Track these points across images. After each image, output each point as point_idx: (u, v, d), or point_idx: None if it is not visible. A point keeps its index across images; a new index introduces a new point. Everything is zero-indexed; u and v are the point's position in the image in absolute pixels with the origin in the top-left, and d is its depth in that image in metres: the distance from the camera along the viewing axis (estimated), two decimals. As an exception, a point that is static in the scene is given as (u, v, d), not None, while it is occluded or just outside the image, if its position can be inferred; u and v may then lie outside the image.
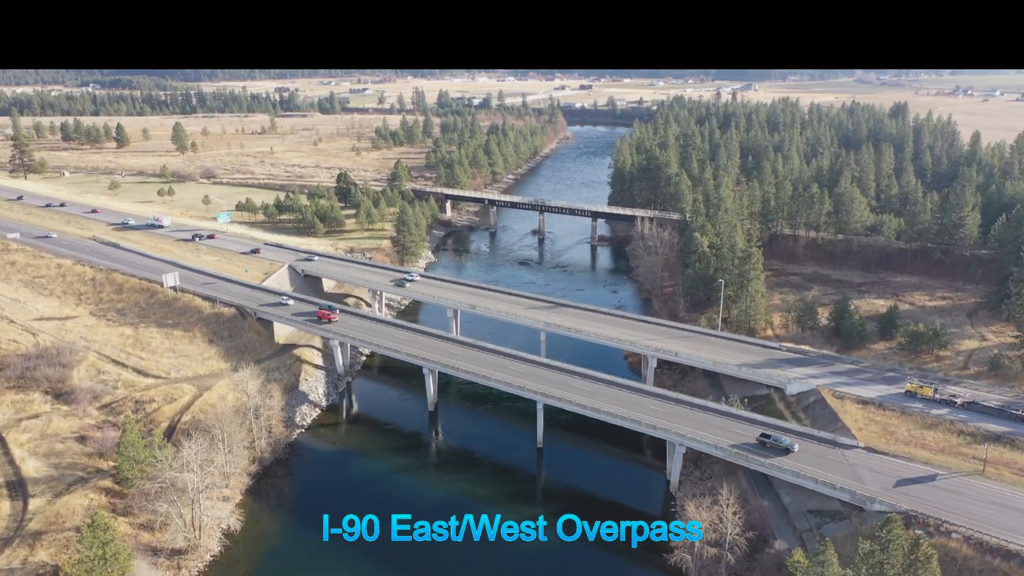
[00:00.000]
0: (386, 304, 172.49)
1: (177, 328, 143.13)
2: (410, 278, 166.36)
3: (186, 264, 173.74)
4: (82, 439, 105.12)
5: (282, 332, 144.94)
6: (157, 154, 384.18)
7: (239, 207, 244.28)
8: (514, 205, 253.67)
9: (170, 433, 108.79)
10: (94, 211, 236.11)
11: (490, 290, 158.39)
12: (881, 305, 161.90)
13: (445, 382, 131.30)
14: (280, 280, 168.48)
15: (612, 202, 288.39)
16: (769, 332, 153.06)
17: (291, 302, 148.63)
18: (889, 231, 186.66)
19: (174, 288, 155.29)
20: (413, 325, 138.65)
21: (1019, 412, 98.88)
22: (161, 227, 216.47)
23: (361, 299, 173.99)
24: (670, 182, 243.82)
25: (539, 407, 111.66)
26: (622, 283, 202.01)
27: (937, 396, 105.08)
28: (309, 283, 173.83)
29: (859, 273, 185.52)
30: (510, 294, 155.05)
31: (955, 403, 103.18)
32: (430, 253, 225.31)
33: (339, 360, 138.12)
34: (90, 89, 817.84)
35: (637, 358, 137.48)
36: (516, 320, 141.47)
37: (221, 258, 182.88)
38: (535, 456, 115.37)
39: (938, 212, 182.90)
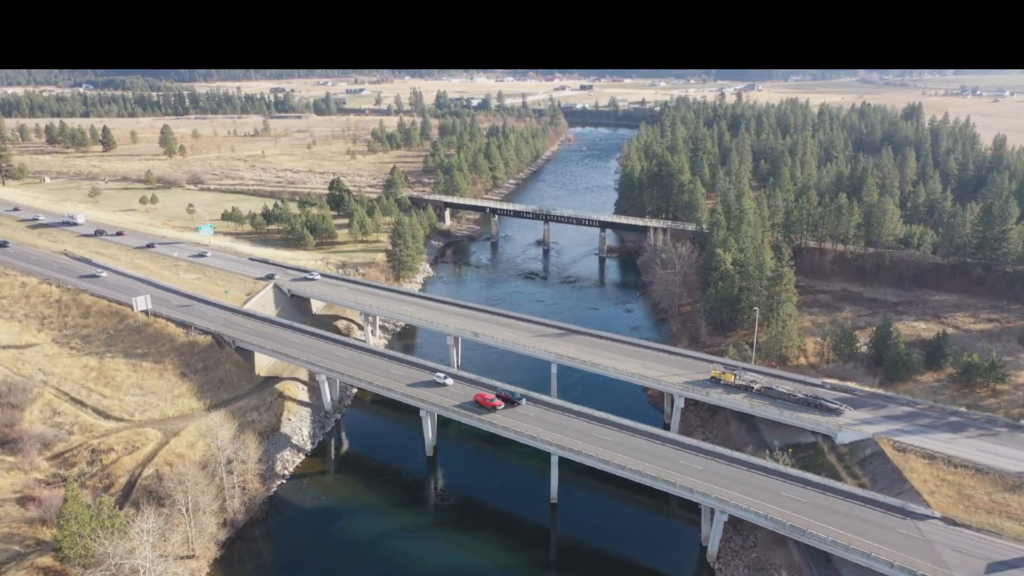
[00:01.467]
0: (380, 326, 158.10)
1: (146, 359, 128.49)
2: (402, 296, 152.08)
3: (161, 283, 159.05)
4: (24, 501, 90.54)
5: (264, 363, 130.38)
6: (144, 158, 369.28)
7: (225, 216, 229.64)
8: (517, 214, 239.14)
9: (128, 491, 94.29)
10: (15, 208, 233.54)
11: (494, 314, 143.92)
12: (923, 328, 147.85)
13: (446, 420, 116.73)
14: (264, 301, 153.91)
15: (619, 210, 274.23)
16: (802, 360, 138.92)
17: (292, 332, 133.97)
18: (925, 245, 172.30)
19: (146, 312, 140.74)
20: (409, 358, 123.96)
21: (802, 396, 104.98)
22: (75, 224, 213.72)
23: (352, 321, 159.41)
24: (683, 190, 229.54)
25: (554, 459, 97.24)
26: (634, 300, 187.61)
27: (737, 382, 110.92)
28: (296, 304, 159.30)
29: (893, 291, 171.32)
30: (516, 319, 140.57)
31: (752, 388, 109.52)
32: (428, 266, 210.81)
33: (327, 395, 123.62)
34: (82, 90, 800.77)
35: (660, 393, 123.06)
36: (524, 351, 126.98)
37: (201, 276, 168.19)
38: (548, 512, 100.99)
39: (978, 224, 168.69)
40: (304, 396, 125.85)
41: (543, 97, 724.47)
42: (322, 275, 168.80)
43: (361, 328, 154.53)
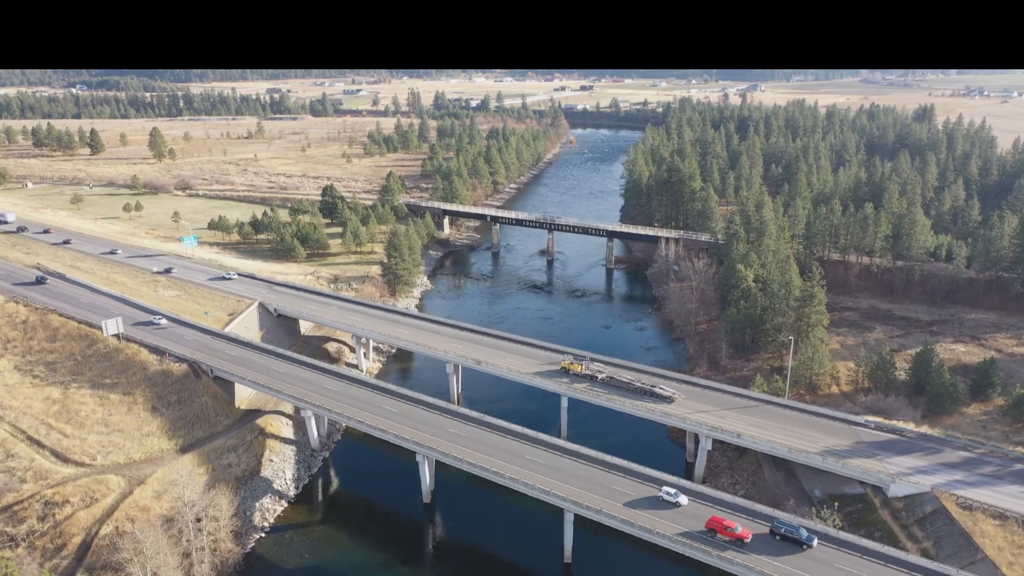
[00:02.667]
0: (374, 347, 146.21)
1: (115, 390, 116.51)
2: (397, 317, 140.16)
3: (137, 302, 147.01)
4: (-41, 569, 78.62)
5: (245, 394, 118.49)
6: (132, 162, 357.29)
7: (211, 225, 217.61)
8: (520, 223, 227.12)
9: (82, 555, 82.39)
10: None
11: (497, 337, 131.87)
12: (962, 352, 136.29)
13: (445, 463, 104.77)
14: (248, 322, 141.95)
15: (626, 217, 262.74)
16: (834, 389, 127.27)
17: (275, 360, 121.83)
18: (959, 258, 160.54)
19: (117, 336, 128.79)
20: (405, 392, 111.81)
21: (640, 385, 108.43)
22: (5, 223, 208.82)
23: (344, 343, 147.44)
24: (695, 197, 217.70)
25: (568, 516, 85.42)
26: (646, 316, 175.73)
27: (584, 371, 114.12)
28: (283, 324, 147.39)
29: (924, 308, 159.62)
30: (522, 343, 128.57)
31: (596, 378, 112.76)
32: (426, 279, 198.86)
33: (313, 431, 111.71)
34: (75, 91, 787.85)
35: (681, 430, 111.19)
36: (532, 383, 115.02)
37: (181, 293, 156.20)
38: (562, 574, 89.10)
39: (1017, 237, 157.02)
40: (288, 432, 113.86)
41: (543, 98, 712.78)
42: (290, 288, 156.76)
43: (353, 350, 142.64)
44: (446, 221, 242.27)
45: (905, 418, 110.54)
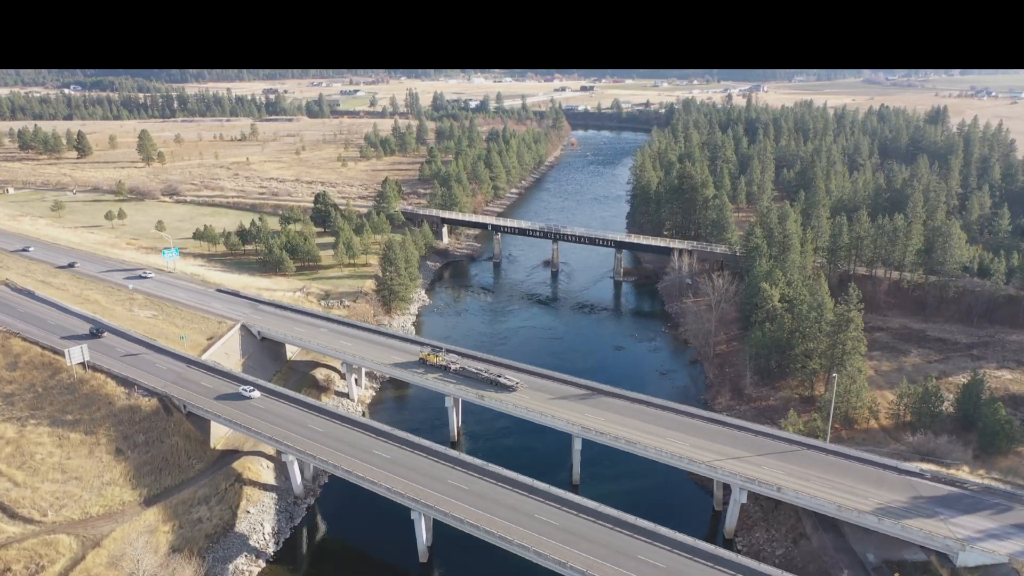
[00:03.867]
0: (367, 373, 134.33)
1: (76, 428, 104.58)
2: (391, 341, 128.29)
3: (109, 324, 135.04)
4: None
5: (220, 433, 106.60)
6: (120, 165, 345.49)
7: (197, 235, 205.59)
8: (523, 232, 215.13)
9: (20, 639, 70.48)
10: None
11: (501, 366, 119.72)
12: (1009, 380, 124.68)
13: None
14: (229, 347, 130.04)
15: (633, 225, 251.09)
16: (873, 423, 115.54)
17: (256, 393, 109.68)
18: (998, 273, 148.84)
19: (82, 365, 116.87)
20: (398, 434, 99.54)
21: (488, 375, 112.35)
22: None
23: (334, 369, 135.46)
24: (708, 205, 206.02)
25: (587, 592, 73.54)
26: (659, 335, 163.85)
27: (439, 362, 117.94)
28: (268, 349, 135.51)
29: (961, 328, 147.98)
30: (529, 373, 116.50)
31: (450, 369, 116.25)
32: (423, 293, 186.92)
33: (296, 476, 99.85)
34: (67, 91, 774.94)
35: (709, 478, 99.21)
36: (540, 420, 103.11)
37: (158, 312, 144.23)
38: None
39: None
40: (269, 476, 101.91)
41: (543, 98, 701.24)
42: (274, 307, 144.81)
43: (343, 376, 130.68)
44: (445, 230, 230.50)
45: (956, 459, 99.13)
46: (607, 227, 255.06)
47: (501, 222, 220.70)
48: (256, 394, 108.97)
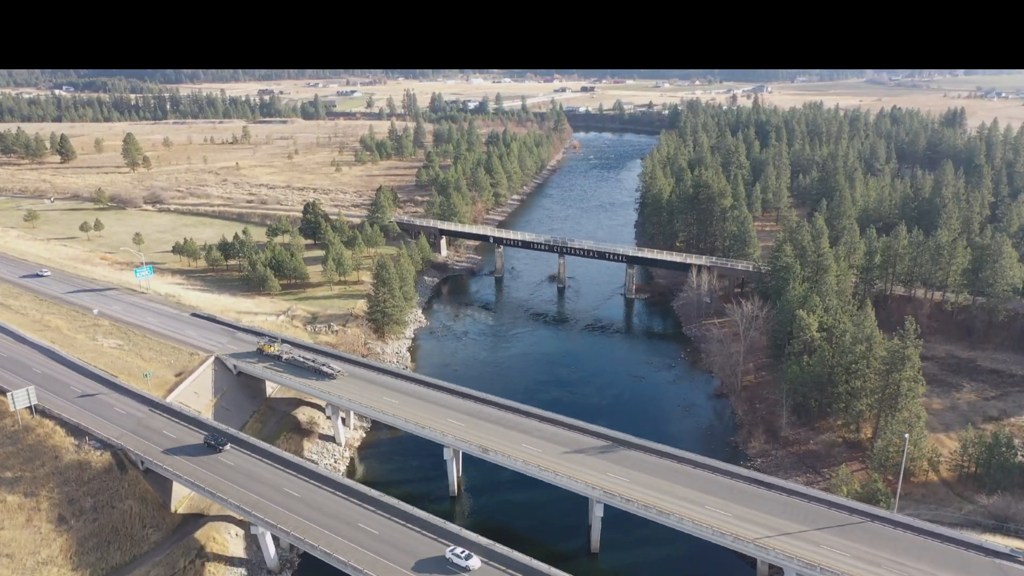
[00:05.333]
0: (355, 415, 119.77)
1: (15, 488, 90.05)
2: (382, 378, 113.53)
3: (67, 357, 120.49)
4: None
5: (183, 494, 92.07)
6: (104, 171, 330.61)
7: (176, 249, 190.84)
8: (527, 245, 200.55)
9: None
10: None
11: (506, 409, 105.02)
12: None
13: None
14: (200, 385, 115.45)
15: (643, 236, 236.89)
16: (932, 476, 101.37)
17: (226, 446, 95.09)
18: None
19: (30, 409, 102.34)
20: (388, 501, 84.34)
21: (312, 364, 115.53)
22: None
23: (318, 408, 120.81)
24: (726, 216, 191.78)
25: None
26: (678, 362, 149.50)
27: (273, 352, 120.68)
28: (244, 385, 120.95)
29: (1016, 358, 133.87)
30: (539, 418, 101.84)
31: (282, 358, 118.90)
32: (420, 313, 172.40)
33: (269, 548, 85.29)
34: (58, 92, 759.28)
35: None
36: (554, 480, 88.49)
37: (124, 342, 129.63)
38: None
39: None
40: (238, 548, 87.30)
41: (543, 99, 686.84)
42: (252, 334, 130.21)
43: (329, 417, 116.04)
44: (443, 242, 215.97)
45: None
46: (614, 237, 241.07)
47: (504, 234, 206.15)
48: (226, 447, 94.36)
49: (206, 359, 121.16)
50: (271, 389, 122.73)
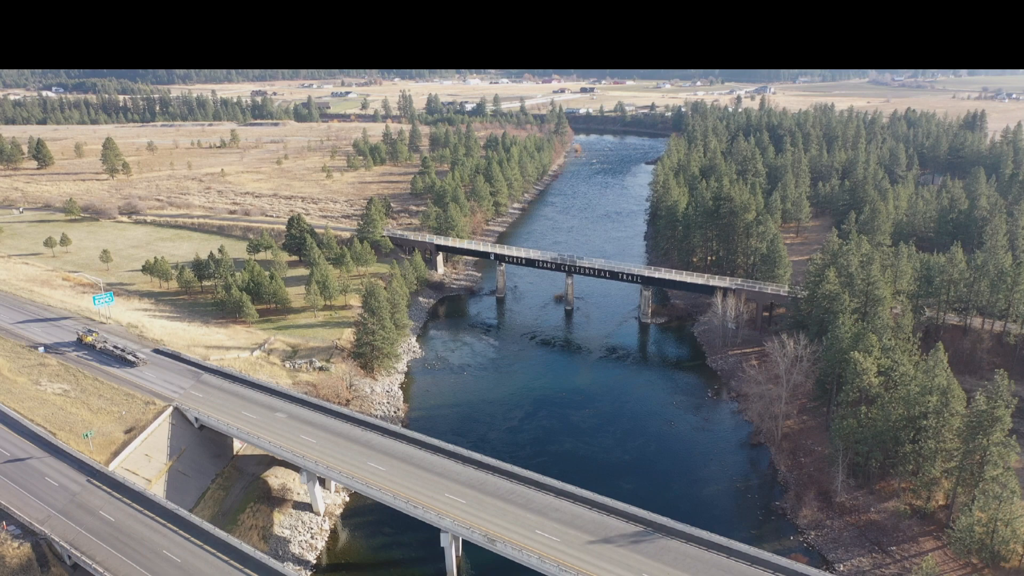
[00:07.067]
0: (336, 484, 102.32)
1: (-88, 592, 72.80)
2: (368, 435, 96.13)
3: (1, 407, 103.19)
4: None
5: (120, 595, 74.72)
6: (82, 178, 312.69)
7: (146, 268, 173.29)
8: (531, 263, 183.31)
9: None
10: None
11: (517, 479, 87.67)
12: None
13: None
14: (154, 444, 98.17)
15: (655, 250, 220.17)
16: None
17: (175, 538, 77.90)
18: None
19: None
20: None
21: (119, 353, 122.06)
22: None
23: (293, 468, 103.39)
24: (749, 232, 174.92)
25: None
26: (703, 399, 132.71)
27: (90, 341, 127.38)
28: (208, 441, 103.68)
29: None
30: (557, 492, 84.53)
31: (96, 348, 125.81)
32: (414, 341, 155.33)
33: (224, 672, 68.13)
34: (46, 94, 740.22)
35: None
36: (577, 582, 71.36)
37: (71, 386, 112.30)
38: None
39: None
40: (184, 671, 70.12)
41: (542, 101, 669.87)
42: (217, 374, 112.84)
43: (305, 483, 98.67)
44: (440, 258, 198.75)
45: None
46: (624, 251, 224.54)
47: (506, 251, 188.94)
48: (175, 539, 77.06)
49: (163, 410, 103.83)
50: (239, 446, 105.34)
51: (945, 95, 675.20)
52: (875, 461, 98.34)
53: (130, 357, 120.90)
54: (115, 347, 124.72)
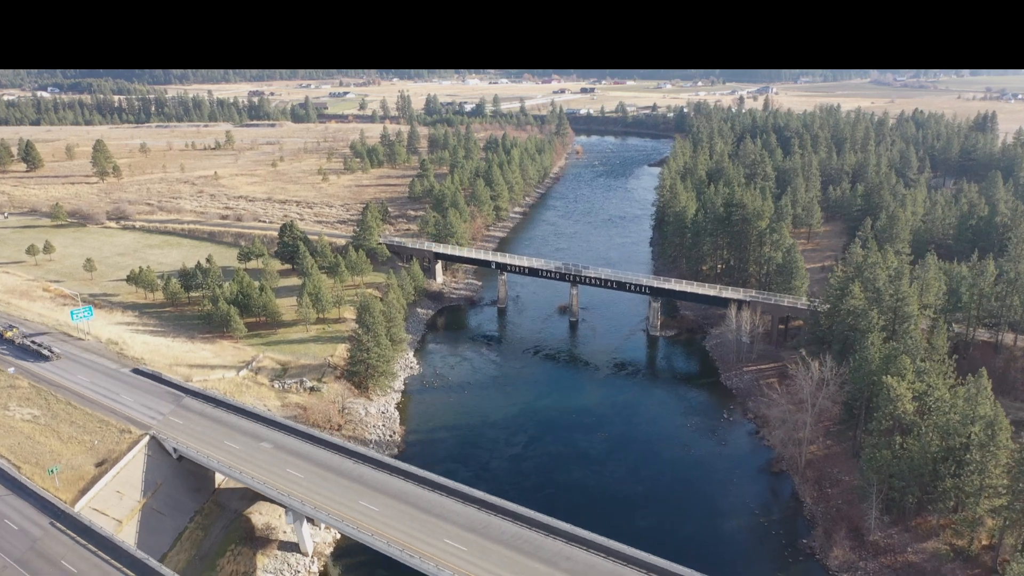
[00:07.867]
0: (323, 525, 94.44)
1: None
2: (362, 469, 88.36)
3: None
4: None
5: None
6: (72, 181, 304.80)
7: (131, 278, 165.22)
8: (535, 272, 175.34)
9: None
10: None
11: (527, 523, 79.60)
12: None
13: None
14: (127, 479, 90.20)
15: (661, 257, 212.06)
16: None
17: None
18: None
19: None
20: None
21: (33, 346, 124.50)
22: None
23: (277, 504, 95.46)
24: (764, 240, 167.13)
25: None
26: (719, 420, 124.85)
27: (9, 336, 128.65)
28: (186, 474, 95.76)
29: None
30: (567, 538, 76.55)
31: (15, 342, 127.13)
32: (411, 356, 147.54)
33: None
34: (40, 94, 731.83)
35: None
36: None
37: (41, 412, 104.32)
38: None
39: None
40: None
41: (542, 101, 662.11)
42: (197, 397, 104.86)
43: (291, 521, 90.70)
44: (439, 267, 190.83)
45: None
46: (630, 258, 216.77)
47: (508, 259, 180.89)
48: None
49: (139, 439, 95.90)
50: (220, 479, 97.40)
51: (949, 95, 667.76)
52: (912, 496, 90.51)
53: (45, 352, 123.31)
54: (32, 342, 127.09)
